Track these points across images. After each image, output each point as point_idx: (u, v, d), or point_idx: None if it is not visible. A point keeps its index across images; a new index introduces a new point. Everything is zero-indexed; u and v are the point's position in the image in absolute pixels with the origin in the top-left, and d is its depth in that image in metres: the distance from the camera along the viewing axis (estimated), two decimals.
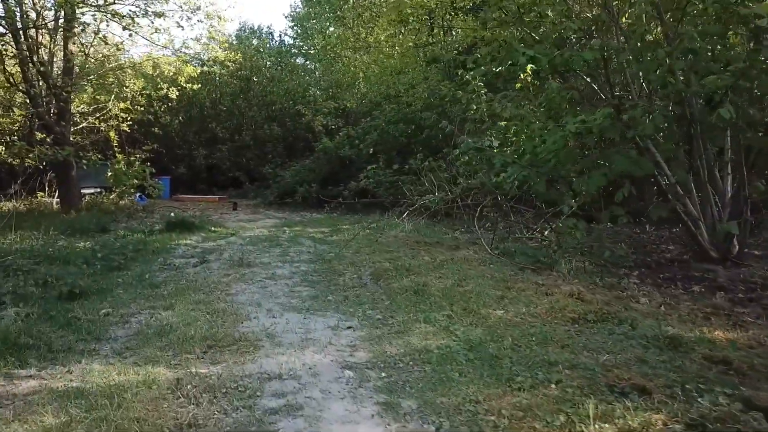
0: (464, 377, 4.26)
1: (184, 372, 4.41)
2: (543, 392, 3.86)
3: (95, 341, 5.31)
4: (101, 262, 8.92)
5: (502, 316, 5.75)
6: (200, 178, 24.61)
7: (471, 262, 8.20)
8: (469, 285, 6.91)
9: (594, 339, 5.00)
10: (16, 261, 8.64)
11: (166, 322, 5.80)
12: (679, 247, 10.01)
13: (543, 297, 6.31)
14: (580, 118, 7.38)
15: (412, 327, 5.60)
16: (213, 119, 24.76)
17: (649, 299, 6.56)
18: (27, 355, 4.79)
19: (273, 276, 8.27)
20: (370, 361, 4.77)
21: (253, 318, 6.13)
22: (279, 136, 24.20)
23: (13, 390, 4.14)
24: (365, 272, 8.24)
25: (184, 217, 13.56)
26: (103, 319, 5.96)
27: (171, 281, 7.90)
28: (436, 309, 6.09)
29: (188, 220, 13.12)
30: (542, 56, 7.90)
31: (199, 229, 12.78)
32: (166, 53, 20.10)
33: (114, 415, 3.58)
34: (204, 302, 6.70)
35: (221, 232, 12.74)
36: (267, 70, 26.02)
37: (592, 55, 7.86)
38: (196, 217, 13.95)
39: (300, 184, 19.24)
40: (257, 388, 4.17)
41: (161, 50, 19.33)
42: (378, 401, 3.97)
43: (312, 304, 6.75)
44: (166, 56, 19.99)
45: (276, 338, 5.41)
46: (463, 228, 12.50)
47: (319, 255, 9.93)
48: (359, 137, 18.98)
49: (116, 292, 7.25)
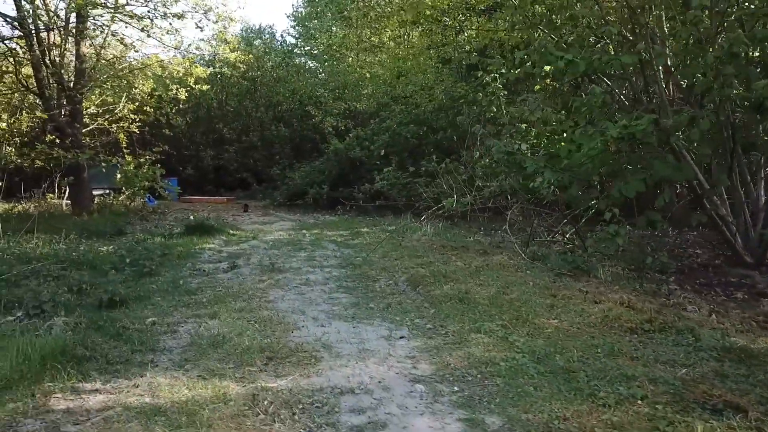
0: (541, 391, 4.18)
1: (253, 387, 4.32)
2: (632, 409, 3.79)
3: (150, 352, 5.21)
4: (130, 268, 8.82)
5: (558, 326, 5.67)
6: (207, 179, 24.49)
7: (507, 268, 8.12)
8: (513, 293, 6.83)
9: (661, 351, 4.93)
10: (46, 267, 8.52)
11: (217, 332, 5.70)
12: (707, 251, 9.97)
13: (592, 305, 6.24)
14: (622, 123, 7.31)
15: (468, 337, 5.52)
16: (220, 120, 24.65)
17: (696, 307, 6.50)
18: (87, 368, 4.69)
19: (307, 282, 8.19)
20: (436, 373, 4.69)
21: (302, 327, 6.04)
22: (286, 137, 24.11)
23: (84, 405, 4.04)
24: (400, 278, 8.16)
25: (202, 220, 13.41)
26: (150, 329, 5.85)
27: (206, 287, 7.80)
28: (487, 318, 6.01)
29: (207, 223, 13.00)
30: (580, 60, 7.82)
31: (218, 232, 12.67)
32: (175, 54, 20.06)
33: None
34: (247, 310, 6.61)
35: (241, 235, 12.64)
36: (273, 70, 25.91)
37: (631, 60, 7.80)
38: (213, 220, 13.81)
39: (310, 185, 19.14)
40: (334, 403, 4.08)
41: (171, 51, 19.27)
42: (459, 417, 3.89)
43: (355, 312, 6.67)
44: (177, 57, 19.94)
45: (333, 349, 5.32)
46: (482, 231, 12.43)
47: (346, 259, 9.85)
48: (368, 138, 18.90)
49: (154, 299, 7.15)
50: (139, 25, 14.85)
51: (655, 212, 7.98)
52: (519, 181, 10.00)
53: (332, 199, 18.96)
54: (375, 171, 17.80)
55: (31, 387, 4.25)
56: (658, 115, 7.62)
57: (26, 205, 17.43)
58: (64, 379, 4.42)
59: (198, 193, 23.61)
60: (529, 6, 10.01)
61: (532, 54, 8.61)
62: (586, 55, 8.01)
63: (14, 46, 15.47)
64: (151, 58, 19.05)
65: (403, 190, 16.11)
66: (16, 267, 8.19)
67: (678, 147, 8.03)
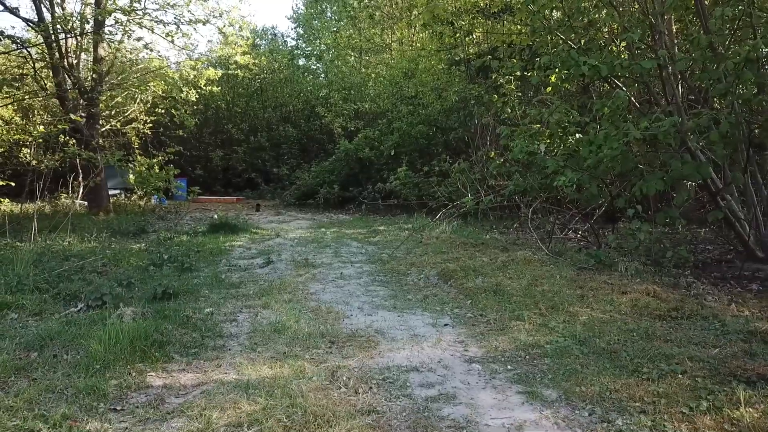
0: (588, 369, 4.68)
1: (327, 365, 4.81)
2: (674, 382, 4.29)
3: (219, 338, 5.68)
4: (170, 263, 9.27)
5: (591, 314, 6.16)
6: (216, 180, 24.97)
7: (532, 263, 8.61)
8: (543, 285, 7.32)
9: (692, 334, 5.43)
10: (90, 263, 8.98)
11: (274, 320, 6.19)
12: (717, 247, 10.46)
13: (620, 296, 6.73)
14: (644, 124, 7.81)
15: (509, 324, 6.01)
16: (228, 120, 25.10)
17: (715, 297, 7.00)
18: (168, 351, 5.16)
19: (342, 276, 8.67)
20: (487, 355, 5.18)
21: (350, 316, 6.53)
22: (293, 138, 24.58)
23: (179, 382, 4.52)
24: (430, 273, 8.64)
25: (225, 219, 13.87)
26: (211, 318, 6.32)
27: (248, 282, 8.28)
28: (523, 308, 6.50)
29: (230, 222, 13.48)
30: (603, 65, 8.32)
31: (242, 230, 13.14)
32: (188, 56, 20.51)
33: (300, 402, 3.98)
34: (294, 301, 7.09)
35: (264, 233, 13.12)
36: (280, 71, 26.39)
37: (651, 64, 8.30)
38: (234, 219, 14.26)
39: (321, 185, 19.64)
40: (404, 379, 4.57)
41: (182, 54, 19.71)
42: (518, 391, 4.38)
43: (395, 303, 7.15)
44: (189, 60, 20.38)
45: (387, 334, 5.81)
46: (495, 229, 12.91)
47: (372, 256, 10.33)
48: (377, 139, 19.38)
49: (203, 292, 7.61)
50: (165, 30, 15.30)
51: (672, 209, 8.48)
52: (538, 180, 10.49)
53: (342, 198, 19.50)
54: (385, 171, 18.28)
55: (126, 366, 4.72)
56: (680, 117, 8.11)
57: (42, 206, 17.81)
58: (152, 360, 4.90)
59: (207, 193, 24.03)
60: (547, 12, 10.49)
61: (555, 58, 9.09)
62: (607, 59, 8.50)
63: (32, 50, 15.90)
64: (163, 60, 19.53)
65: (415, 189, 16.60)
66: (64, 263, 8.66)
67: (694, 147, 8.53)
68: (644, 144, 8.53)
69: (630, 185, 10.02)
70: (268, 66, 26.03)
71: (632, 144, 8.16)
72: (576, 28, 9.80)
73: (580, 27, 9.95)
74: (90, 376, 4.55)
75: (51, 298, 7.07)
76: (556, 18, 10.75)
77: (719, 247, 10.45)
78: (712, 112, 7.95)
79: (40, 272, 8.04)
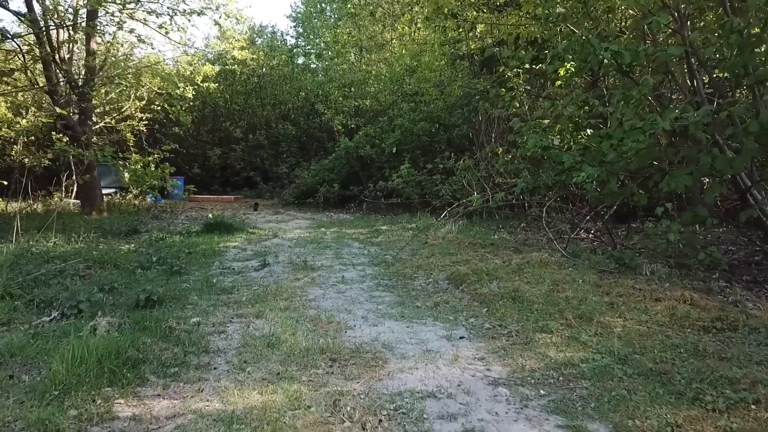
0: (638, 395, 3.88)
1: (328, 391, 4.00)
2: (749, 415, 3.49)
3: (204, 354, 4.87)
4: (158, 266, 8.48)
5: (625, 325, 5.37)
6: (214, 178, 24.17)
7: (549, 266, 7.81)
8: (566, 290, 6.52)
9: (750, 351, 4.62)
10: (72, 266, 8.18)
11: (268, 332, 5.38)
12: (740, 247, 9.69)
13: (654, 303, 5.94)
14: (672, 115, 7.01)
15: (534, 337, 5.21)
16: (227, 118, 24.30)
17: (757, 305, 6.21)
18: (143, 371, 4.35)
19: (344, 280, 7.86)
20: (513, 376, 4.37)
21: (354, 326, 5.72)
22: (293, 136, 23.78)
23: (151, 412, 3.71)
24: (439, 276, 7.85)
25: (221, 218, 13.06)
26: (197, 329, 5.52)
27: (241, 286, 7.47)
28: (547, 317, 5.70)
29: (226, 222, 12.66)
30: (626, 52, 7.52)
31: (238, 230, 12.33)
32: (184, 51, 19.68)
33: None
34: (291, 309, 6.29)
35: (261, 233, 12.30)
36: (278, 68, 25.56)
37: (678, 51, 7.50)
38: (229, 218, 13.44)
39: (321, 183, 18.83)
40: (420, 409, 3.76)
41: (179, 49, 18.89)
42: (558, 424, 3.57)
43: (403, 310, 6.35)
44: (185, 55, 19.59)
45: (395, 350, 5.00)
46: (502, 229, 12.12)
47: (375, 257, 9.53)
48: (378, 136, 18.60)
49: (191, 298, 6.81)
50: (158, 21, 14.48)
51: (701, 208, 7.69)
52: (551, 177, 9.68)
53: (342, 197, 18.68)
54: (386, 169, 17.50)
55: (91, 392, 3.92)
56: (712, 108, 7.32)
57: (34, 205, 17.02)
58: (123, 384, 4.09)
59: (204, 192, 23.29)
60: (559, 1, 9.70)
61: (572, 45, 8.30)
62: (631, 45, 7.71)
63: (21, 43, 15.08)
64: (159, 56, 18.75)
65: (417, 188, 15.81)
66: (43, 266, 7.85)
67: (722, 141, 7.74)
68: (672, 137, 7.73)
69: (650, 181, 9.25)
70: (266, 63, 25.19)
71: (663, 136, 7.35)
72: (592, 12, 9.02)
73: (597, 13, 9.16)
74: (45, 404, 3.74)
75: (23, 305, 6.29)
76: (569, 5, 9.94)
77: (742, 247, 9.68)
78: (747, 101, 7.15)
79: (15, 276, 7.23)
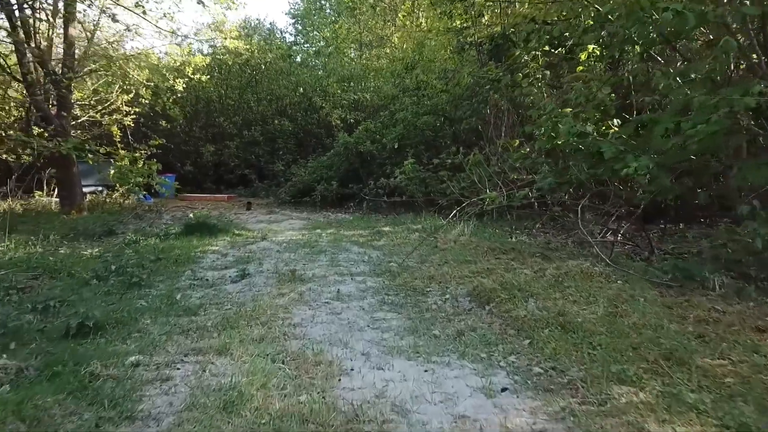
0: None
1: None
2: None
3: (126, 422, 3.19)
4: (116, 277, 6.79)
5: (738, 372, 3.68)
6: (207, 176, 22.44)
7: (593, 278, 6.12)
8: (630, 315, 4.82)
9: None
10: (10, 276, 6.51)
11: (228, 382, 3.69)
12: None
13: (758, 334, 4.26)
14: (758, 88, 5.31)
15: (611, 393, 3.51)
16: (220, 113, 22.56)
17: None
18: None
19: (339, 296, 6.16)
20: None
21: (350, 370, 4.02)
22: (289, 132, 22.09)
23: None
24: (458, 291, 6.14)
25: (203, 218, 11.33)
26: (132, 375, 3.83)
27: (211, 304, 5.77)
28: (618, 357, 4.01)
29: (209, 222, 10.93)
30: (689, 13, 5.82)
31: (222, 232, 10.60)
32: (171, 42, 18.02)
33: None
34: (268, 340, 4.60)
35: (248, 235, 10.57)
36: (275, 62, 23.81)
37: (757, 10, 5.81)
38: (215, 218, 11.74)
39: (318, 181, 17.11)
40: None
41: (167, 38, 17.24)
42: None
43: (416, 342, 4.65)
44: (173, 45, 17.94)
45: (412, 416, 3.31)
46: (516, 230, 10.43)
47: (378, 265, 7.81)
48: (379, 132, 16.92)
49: (142, 322, 5.12)
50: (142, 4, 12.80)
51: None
52: (584, 171, 7.95)
53: (341, 195, 16.94)
54: (387, 165, 15.85)
55: None
56: None
57: (12, 203, 15.34)
58: None
59: (197, 191, 21.61)
60: None
61: (616, 9, 6.61)
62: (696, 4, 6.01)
63: None
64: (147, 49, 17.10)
65: (422, 185, 14.10)
66: None
67: None
68: (752, 116, 6.04)
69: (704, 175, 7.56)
70: (262, 57, 23.46)
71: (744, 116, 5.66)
72: None
73: None
74: None
75: None
76: None
77: None
78: None
79: None
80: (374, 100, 20.45)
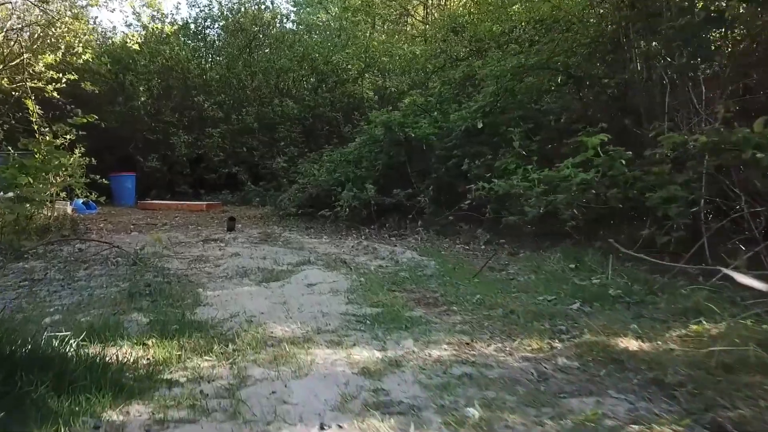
0: None
1: None
2: None
3: None
4: None
5: None
6: (181, 175, 14.74)
7: None
8: None
9: None
10: None
11: None
12: None
13: None
14: None
15: None
16: (200, 91, 14.89)
17: None
18: None
19: None
20: None
21: None
22: (295, 117, 14.54)
23: None
24: None
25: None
26: None
27: None
28: None
29: (47, 354, 3.14)
30: None
31: (111, 383, 2.85)
32: None
33: None
34: None
35: (188, 390, 2.90)
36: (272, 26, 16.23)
37: None
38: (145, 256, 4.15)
39: (341, 184, 9.52)
40: None
41: None
42: None
43: None
44: None
45: None
46: None
47: None
48: (439, 105, 9.48)
49: None
50: None
51: None
52: None
53: (380, 207, 9.28)
54: (454, 158, 8.47)
55: None
56: None
57: None
58: None
59: (168, 196, 14.03)
60: None
61: None
62: None
63: None
64: None
65: (623, 190, 6.23)
66: None
67: None
68: None
69: None
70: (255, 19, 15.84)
71: None
72: None
73: None
74: None
75: None
76: None
77: None
78: None
79: None
80: (403, 83, 12.92)
